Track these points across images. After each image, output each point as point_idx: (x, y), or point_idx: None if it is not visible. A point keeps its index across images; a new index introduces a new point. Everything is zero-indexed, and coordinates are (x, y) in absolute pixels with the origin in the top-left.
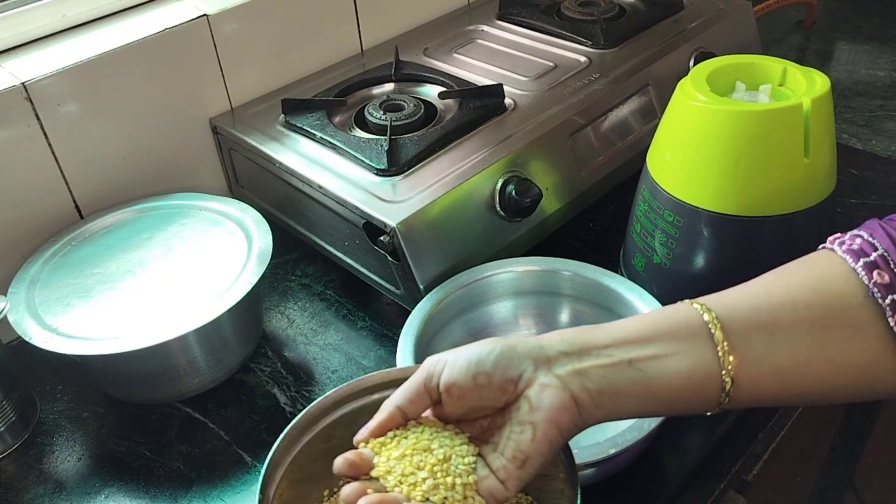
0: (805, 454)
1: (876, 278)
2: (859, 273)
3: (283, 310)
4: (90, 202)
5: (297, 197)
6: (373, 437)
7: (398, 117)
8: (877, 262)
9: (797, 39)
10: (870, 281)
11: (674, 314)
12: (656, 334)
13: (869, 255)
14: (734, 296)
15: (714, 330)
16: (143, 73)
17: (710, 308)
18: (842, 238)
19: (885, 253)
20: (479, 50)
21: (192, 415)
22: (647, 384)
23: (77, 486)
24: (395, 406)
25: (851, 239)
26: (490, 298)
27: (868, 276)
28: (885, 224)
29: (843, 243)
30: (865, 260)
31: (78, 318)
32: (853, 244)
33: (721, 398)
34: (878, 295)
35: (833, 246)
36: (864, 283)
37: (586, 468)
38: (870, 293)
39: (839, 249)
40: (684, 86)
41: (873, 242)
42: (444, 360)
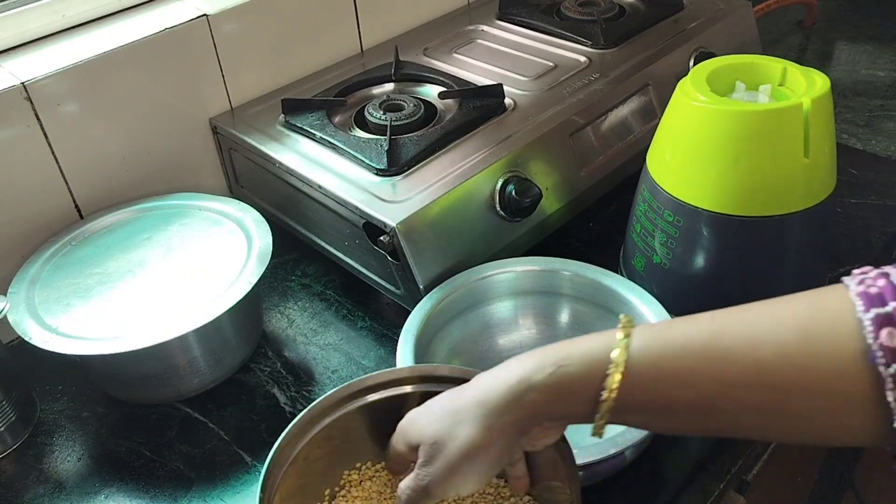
0: (805, 454)
1: (884, 339)
2: (865, 327)
3: (283, 310)
4: (90, 202)
5: (297, 197)
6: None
7: (398, 117)
8: (892, 315)
9: (797, 39)
10: (875, 340)
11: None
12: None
13: (886, 305)
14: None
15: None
16: (142, 73)
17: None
18: (867, 273)
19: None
20: (479, 50)
21: (191, 415)
22: None
23: (77, 485)
24: None
25: (876, 278)
26: (490, 298)
27: (875, 332)
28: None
29: (863, 282)
30: (879, 312)
31: (78, 318)
32: (873, 286)
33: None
34: (881, 361)
35: (850, 282)
36: (867, 341)
37: (586, 468)
38: (871, 358)
39: (853, 287)
40: (684, 86)
41: (885, 293)
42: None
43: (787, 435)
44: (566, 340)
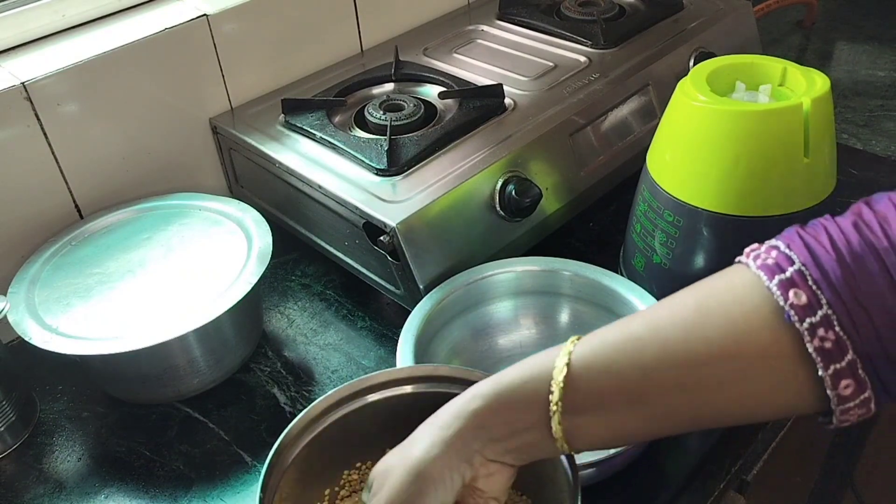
0: (805, 454)
1: (792, 298)
2: (774, 293)
3: (283, 310)
4: (90, 202)
5: (297, 197)
6: None
7: (398, 117)
8: (793, 278)
9: (797, 39)
10: (785, 302)
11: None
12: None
13: (785, 271)
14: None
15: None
16: (143, 73)
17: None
18: (758, 250)
19: (802, 267)
20: (479, 50)
21: (191, 415)
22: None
23: (77, 485)
24: None
25: (767, 251)
26: (490, 298)
27: (783, 295)
28: (804, 232)
29: (759, 257)
30: (781, 277)
31: (78, 318)
32: (769, 258)
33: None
34: (795, 318)
35: (748, 260)
36: (778, 304)
37: (586, 468)
38: (785, 316)
39: (753, 265)
40: (684, 86)
41: (790, 255)
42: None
43: (722, 410)
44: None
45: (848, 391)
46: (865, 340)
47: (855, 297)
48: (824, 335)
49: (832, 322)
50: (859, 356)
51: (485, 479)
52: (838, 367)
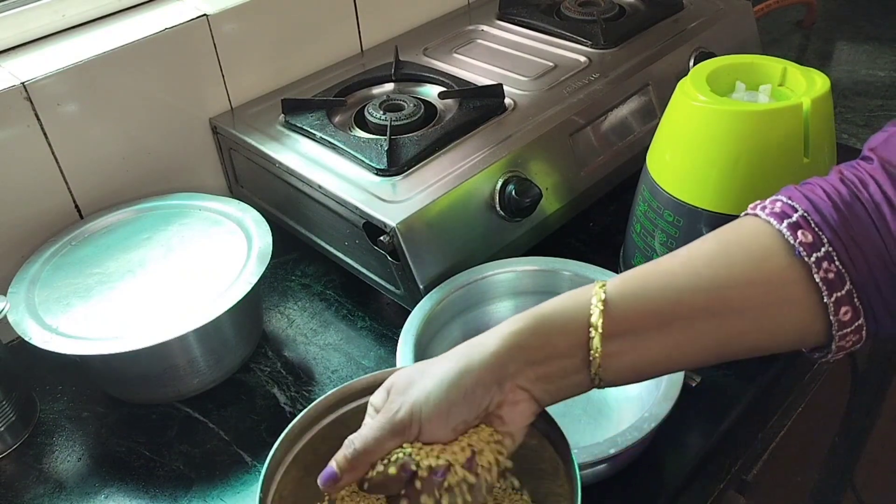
0: (805, 454)
1: (800, 237)
2: (784, 234)
3: (283, 310)
4: (90, 202)
5: (297, 197)
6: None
7: (398, 117)
8: (798, 222)
9: (797, 39)
10: (795, 241)
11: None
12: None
13: (791, 217)
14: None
15: None
16: (142, 73)
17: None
18: (762, 203)
19: (805, 213)
20: (479, 50)
21: (191, 415)
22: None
23: (77, 485)
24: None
25: (772, 203)
26: (490, 298)
27: (793, 235)
28: (800, 188)
29: (765, 208)
30: (788, 221)
31: (78, 318)
32: (774, 207)
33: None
34: (804, 253)
35: (756, 211)
36: (789, 242)
37: (586, 468)
38: (796, 252)
39: (762, 214)
40: (684, 86)
41: (793, 205)
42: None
43: (744, 336)
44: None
45: (847, 317)
46: (860, 272)
47: (850, 236)
48: (828, 268)
49: (833, 257)
50: (855, 286)
51: (510, 407)
52: (839, 294)
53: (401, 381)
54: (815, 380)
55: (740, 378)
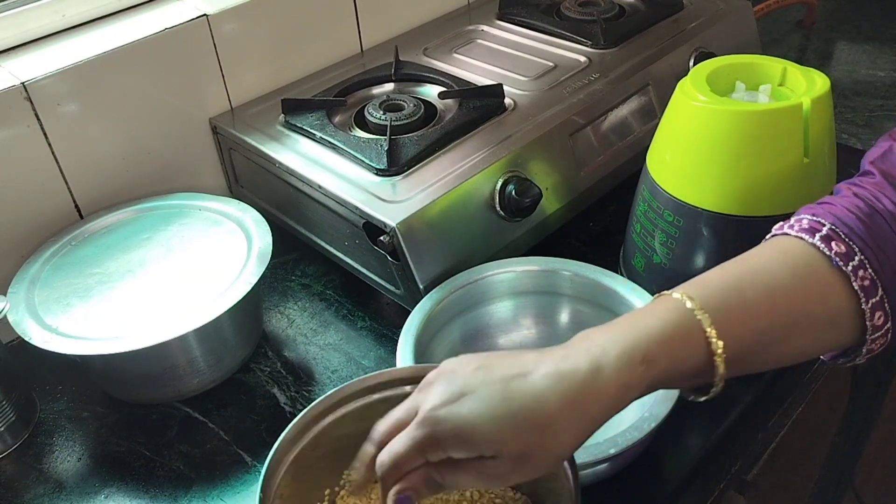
0: (805, 454)
1: (835, 248)
2: (820, 247)
3: (283, 310)
4: (90, 202)
5: (297, 197)
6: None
7: (398, 117)
8: (829, 235)
9: (797, 39)
10: (831, 252)
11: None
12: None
13: (821, 230)
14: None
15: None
16: (142, 73)
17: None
18: (787, 223)
19: (833, 227)
20: (479, 50)
21: (191, 415)
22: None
23: (77, 486)
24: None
25: (798, 222)
26: (490, 298)
27: (827, 247)
28: (820, 205)
29: (792, 227)
30: (820, 234)
31: (78, 318)
32: (802, 224)
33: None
34: (841, 263)
35: (784, 230)
36: (825, 254)
37: (586, 468)
38: (833, 263)
39: (792, 232)
40: (684, 86)
41: (819, 220)
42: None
43: (791, 344)
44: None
45: (880, 321)
46: (888, 277)
47: (877, 244)
48: (863, 275)
49: (866, 265)
50: (885, 291)
51: None
52: (874, 300)
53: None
54: (815, 380)
55: (740, 378)
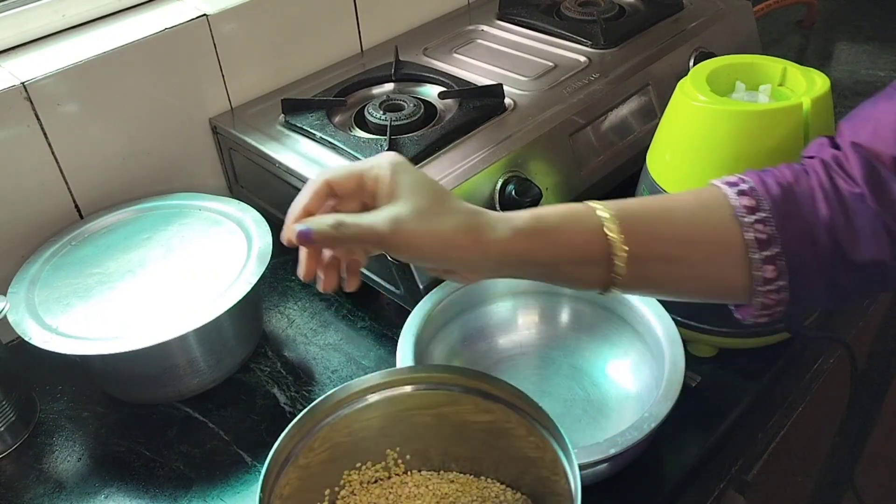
0: (805, 454)
1: (742, 201)
2: (729, 197)
3: (283, 310)
4: (90, 202)
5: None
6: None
7: (398, 117)
8: (744, 190)
9: (797, 39)
10: (737, 202)
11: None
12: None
13: (739, 186)
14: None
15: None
16: (142, 73)
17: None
18: (724, 178)
19: (752, 186)
20: (479, 50)
21: (191, 415)
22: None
23: (77, 486)
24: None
25: (732, 177)
26: (490, 298)
27: (736, 199)
28: (759, 172)
29: (724, 180)
30: (737, 188)
31: (78, 318)
32: (731, 179)
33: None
34: (741, 214)
35: (717, 182)
36: (731, 203)
37: (586, 468)
38: (735, 213)
39: (717, 182)
40: (684, 86)
41: (745, 178)
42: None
43: (689, 284)
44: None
45: (771, 275)
46: (790, 241)
47: (787, 209)
48: (761, 229)
49: (768, 221)
50: (785, 252)
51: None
52: (767, 254)
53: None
54: (815, 380)
55: (740, 378)
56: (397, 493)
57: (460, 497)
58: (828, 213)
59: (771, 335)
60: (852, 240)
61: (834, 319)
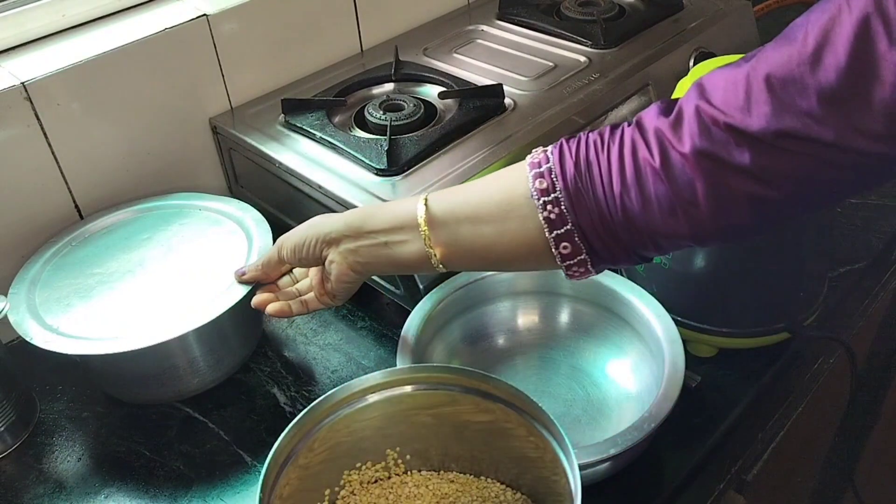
0: (805, 454)
1: (537, 185)
2: (529, 180)
3: None
4: (90, 202)
5: (297, 197)
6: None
7: (398, 117)
8: (543, 172)
9: None
10: (532, 186)
11: (409, 209)
12: (401, 225)
13: (540, 167)
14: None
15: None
16: (142, 73)
17: (429, 205)
18: (534, 153)
19: (551, 167)
20: (479, 50)
21: (191, 415)
22: (394, 259)
23: (77, 486)
24: (258, 268)
25: (540, 153)
26: (489, 298)
27: (533, 182)
28: (569, 141)
29: (533, 156)
30: (536, 171)
31: (78, 318)
32: (536, 157)
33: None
34: (535, 196)
35: (527, 160)
36: (528, 187)
37: (586, 468)
38: (532, 194)
39: (527, 161)
40: (684, 86)
41: (548, 156)
42: (282, 243)
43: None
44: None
45: (566, 251)
46: (582, 217)
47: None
48: (552, 209)
49: (559, 202)
50: (577, 227)
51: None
52: (559, 232)
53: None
54: (815, 380)
55: (740, 378)
56: (397, 493)
57: (460, 497)
58: (620, 188)
59: (771, 335)
60: (646, 216)
61: (834, 319)
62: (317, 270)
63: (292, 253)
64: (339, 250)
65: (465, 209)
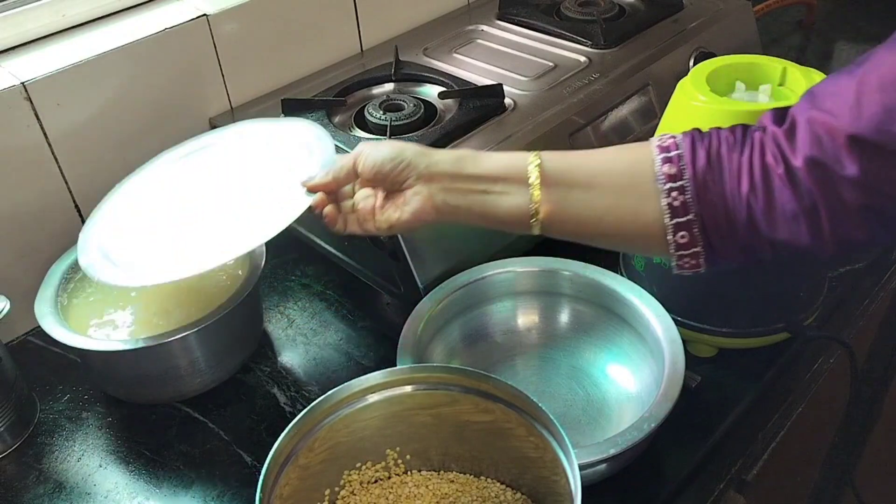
0: (805, 454)
1: (665, 169)
2: (656, 162)
3: (283, 310)
4: (90, 202)
5: None
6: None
7: (398, 117)
8: (672, 158)
9: (797, 39)
10: (660, 169)
11: (519, 161)
12: (507, 175)
13: (669, 152)
14: (567, 157)
15: (533, 182)
16: (143, 73)
17: (542, 163)
18: (662, 137)
19: (681, 154)
20: (479, 50)
21: (191, 415)
22: (488, 210)
23: (77, 486)
24: (331, 176)
25: (668, 139)
26: (490, 298)
27: (661, 166)
28: (700, 133)
29: (663, 139)
30: (664, 155)
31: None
32: (664, 141)
33: (533, 227)
34: (662, 180)
35: (653, 142)
36: (655, 170)
37: (586, 468)
38: (658, 178)
39: (654, 143)
40: (684, 86)
41: (678, 143)
42: (364, 153)
43: (608, 230)
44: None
45: (683, 240)
46: (706, 209)
47: (706, 180)
48: (676, 196)
49: (685, 190)
50: (699, 219)
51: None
52: (680, 220)
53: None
54: (815, 380)
55: (740, 378)
56: (397, 493)
57: (460, 497)
58: (748, 189)
59: (771, 335)
60: (769, 220)
61: (834, 319)
62: (380, 195)
63: (371, 167)
64: (431, 186)
65: (580, 174)
